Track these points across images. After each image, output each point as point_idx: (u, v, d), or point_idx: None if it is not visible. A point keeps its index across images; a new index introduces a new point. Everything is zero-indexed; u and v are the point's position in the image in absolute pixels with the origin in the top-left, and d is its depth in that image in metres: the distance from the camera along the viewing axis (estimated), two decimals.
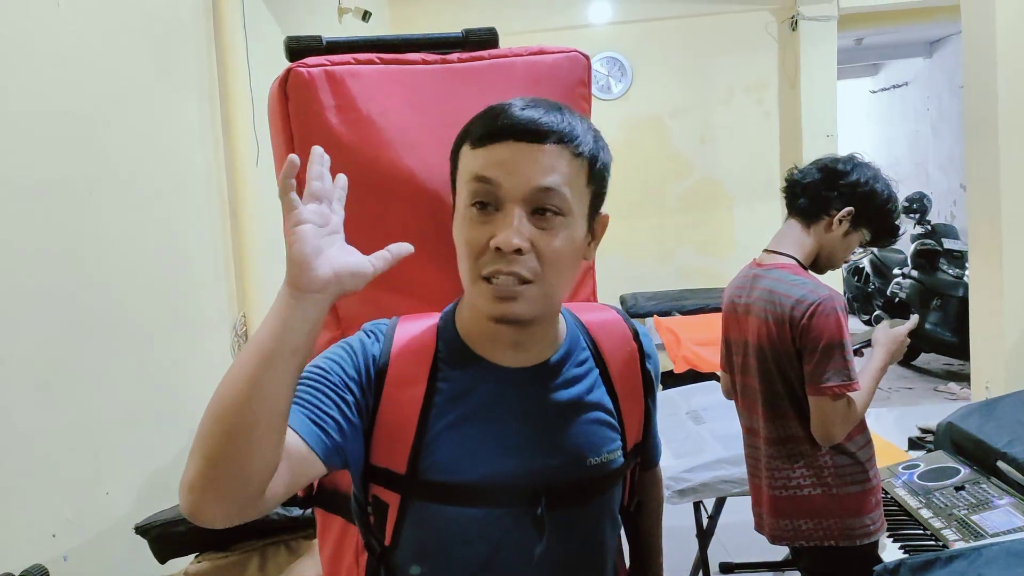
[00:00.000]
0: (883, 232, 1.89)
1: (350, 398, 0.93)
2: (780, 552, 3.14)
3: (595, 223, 0.99)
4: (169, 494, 2.33)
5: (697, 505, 2.85)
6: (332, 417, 0.91)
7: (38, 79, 2.09)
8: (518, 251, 0.88)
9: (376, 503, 1.00)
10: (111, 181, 2.36)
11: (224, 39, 3.03)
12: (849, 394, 1.74)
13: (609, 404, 1.04)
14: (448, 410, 0.96)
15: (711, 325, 4.01)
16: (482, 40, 1.37)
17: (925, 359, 6.30)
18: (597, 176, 0.96)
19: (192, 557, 2.19)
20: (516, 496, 0.97)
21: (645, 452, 1.16)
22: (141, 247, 2.50)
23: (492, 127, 0.91)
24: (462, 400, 0.97)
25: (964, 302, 5.65)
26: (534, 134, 0.90)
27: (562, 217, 0.91)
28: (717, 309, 4.37)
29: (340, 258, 0.83)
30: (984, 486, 2.01)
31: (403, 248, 0.88)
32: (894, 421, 4.74)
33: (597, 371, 1.04)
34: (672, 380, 3.89)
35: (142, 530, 2.17)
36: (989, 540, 1.68)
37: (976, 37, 3.32)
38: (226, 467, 0.77)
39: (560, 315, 1.03)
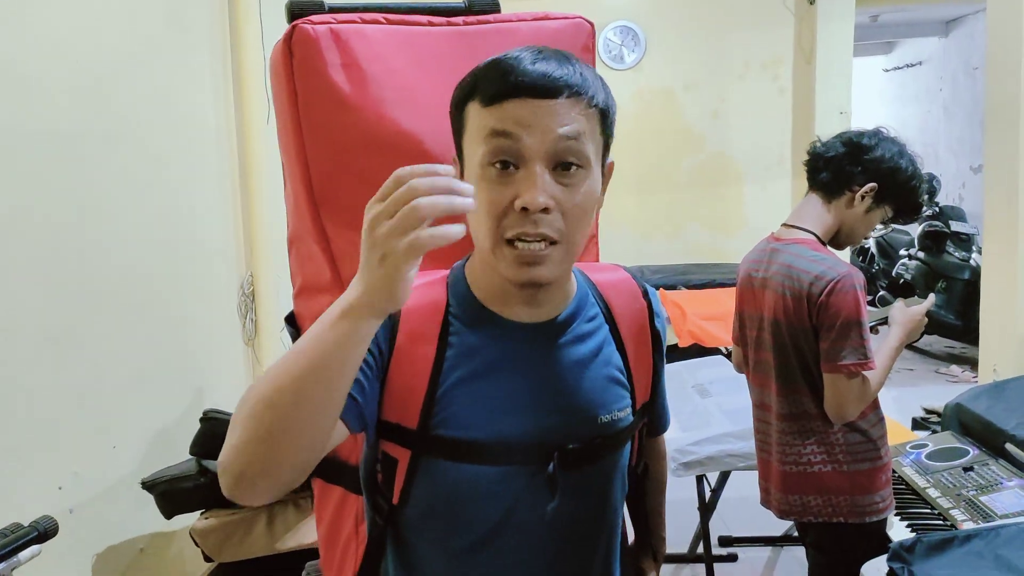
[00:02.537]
0: (906, 209, 1.86)
1: (369, 358, 0.92)
2: (779, 527, 3.16)
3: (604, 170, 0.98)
4: (176, 450, 2.33)
5: (700, 478, 2.86)
6: (358, 381, 0.90)
7: (51, 33, 2.05)
8: (545, 210, 0.86)
9: (385, 459, 0.99)
10: (123, 137, 2.33)
11: None
12: (864, 372, 1.73)
13: (619, 361, 1.04)
14: (460, 366, 0.95)
15: (717, 300, 4.00)
16: (484, 9, 1.36)
17: (927, 341, 6.30)
18: (609, 124, 0.94)
19: (198, 513, 2.20)
20: (528, 454, 0.96)
21: (652, 415, 1.16)
22: (151, 203, 2.48)
23: (505, 83, 0.88)
24: (474, 356, 0.96)
25: (969, 285, 5.65)
26: (549, 89, 0.87)
27: (583, 170, 0.89)
28: (723, 284, 4.38)
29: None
30: (992, 467, 2.01)
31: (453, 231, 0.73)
32: (894, 401, 4.75)
33: (607, 328, 1.04)
34: (677, 354, 3.89)
35: (148, 485, 2.18)
36: (1001, 521, 1.68)
37: (1001, 15, 3.26)
38: (290, 465, 0.79)
39: (571, 272, 1.03)
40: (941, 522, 1.84)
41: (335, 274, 1.26)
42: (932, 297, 1.96)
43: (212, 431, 2.17)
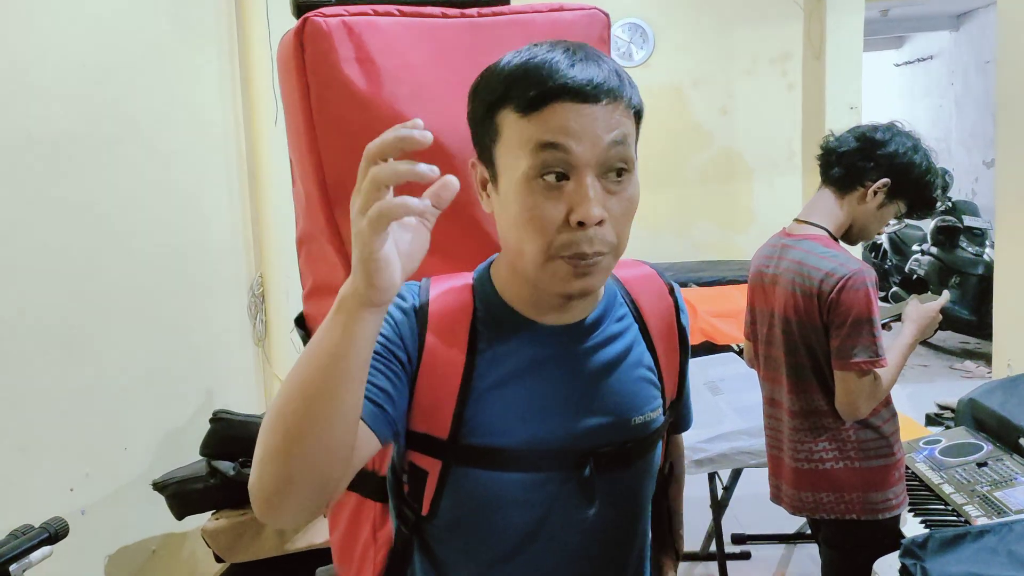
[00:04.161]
0: (920, 205, 1.84)
1: (396, 366, 0.90)
2: (792, 525, 3.15)
3: None
4: (186, 451, 2.34)
5: (712, 476, 2.85)
6: (385, 391, 0.88)
7: (59, 34, 2.06)
8: (600, 222, 0.83)
9: (413, 470, 0.96)
10: (130, 138, 2.34)
11: None
12: (876, 370, 1.72)
13: (650, 360, 1.01)
14: (491, 372, 0.93)
15: (728, 297, 3.99)
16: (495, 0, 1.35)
17: (941, 336, 6.25)
18: (640, 123, 0.91)
19: (209, 514, 2.20)
20: (562, 459, 0.94)
21: (677, 413, 1.14)
22: (159, 205, 2.48)
23: (545, 90, 0.83)
24: (505, 361, 0.94)
25: (983, 280, 5.61)
26: (591, 94, 0.83)
27: (628, 174, 0.86)
28: (734, 281, 4.36)
29: (405, 256, 0.73)
30: (1007, 463, 1.99)
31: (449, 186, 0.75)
32: (908, 398, 4.71)
33: (637, 327, 1.02)
34: None
35: (159, 486, 2.18)
36: (1015, 516, 1.66)
37: (1012, 9, 3.23)
38: (310, 480, 0.75)
39: None
40: (955, 518, 1.82)
41: (349, 275, 1.25)
42: (946, 294, 1.94)
43: (222, 432, 2.17)
